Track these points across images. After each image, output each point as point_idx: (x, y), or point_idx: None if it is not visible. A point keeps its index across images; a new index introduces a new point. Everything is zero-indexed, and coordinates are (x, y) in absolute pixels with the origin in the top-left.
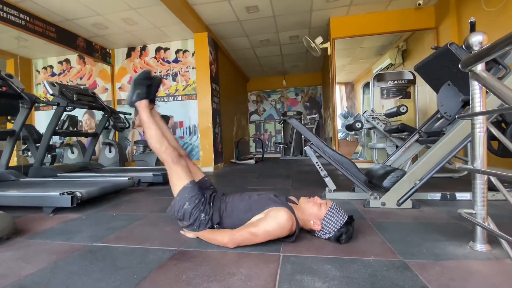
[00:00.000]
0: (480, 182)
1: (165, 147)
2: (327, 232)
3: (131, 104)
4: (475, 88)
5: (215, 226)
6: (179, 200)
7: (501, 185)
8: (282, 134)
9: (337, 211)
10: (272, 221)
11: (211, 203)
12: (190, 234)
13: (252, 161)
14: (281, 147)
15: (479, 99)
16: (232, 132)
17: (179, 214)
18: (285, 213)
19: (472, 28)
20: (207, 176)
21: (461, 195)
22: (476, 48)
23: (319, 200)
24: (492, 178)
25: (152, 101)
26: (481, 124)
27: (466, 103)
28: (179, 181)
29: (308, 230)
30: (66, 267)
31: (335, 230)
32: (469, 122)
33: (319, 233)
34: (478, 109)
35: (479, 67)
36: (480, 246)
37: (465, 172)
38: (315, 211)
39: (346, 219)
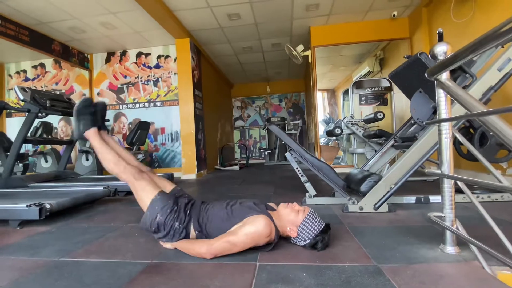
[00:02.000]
0: (447, 186)
1: (123, 167)
2: (303, 239)
3: (80, 136)
4: (441, 96)
5: (196, 233)
6: (150, 214)
7: (467, 189)
8: (267, 140)
9: (314, 218)
10: (249, 228)
11: (188, 211)
12: (167, 245)
13: (237, 167)
14: (266, 152)
15: (444, 106)
16: (216, 138)
17: (152, 228)
18: (263, 219)
19: (440, 38)
20: (179, 186)
21: (435, 198)
22: (440, 58)
23: (297, 206)
24: (459, 182)
25: (101, 127)
26: (447, 130)
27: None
28: (146, 196)
29: (285, 237)
30: (29, 285)
31: (311, 237)
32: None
33: (295, 240)
34: (443, 116)
35: (444, 76)
36: (450, 249)
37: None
38: (292, 218)
39: (322, 227)
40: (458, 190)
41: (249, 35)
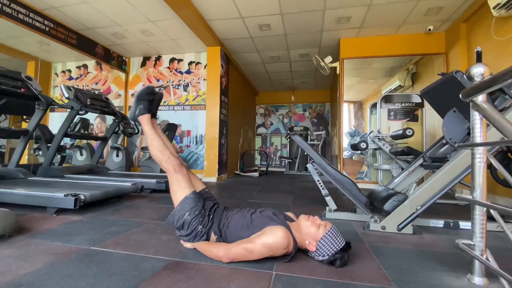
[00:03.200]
0: (479, 213)
1: (167, 156)
2: (321, 254)
3: (134, 118)
4: (476, 118)
5: (216, 237)
6: (179, 209)
7: (500, 218)
8: (288, 148)
9: (335, 235)
10: (267, 239)
11: (211, 216)
12: (188, 245)
13: (256, 174)
14: (286, 161)
15: (479, 129)
16: (238, 144)
17: (178, 224)
18: (281, 231)
19: (479, 57)
20: (207, 187)
21: (465, 224)
22: (477, 79)
23: (318, 220)
24: (491, 210)
25: (153, 115)
26: (481, 155)
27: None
28: (180, 191)
29: (303, 250)
30: (62, 269)
31: (330, 254)
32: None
33: (313, 254)
34: (478, 139)
35: (480, 98)
36: (478, 279)
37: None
38: (312, 231)
39: (343, 245)
40: (491, 218)
41: (278, 45)
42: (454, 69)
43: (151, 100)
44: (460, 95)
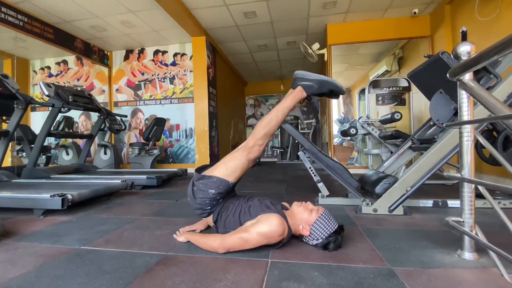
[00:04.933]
0: (467, 191)
1: (263, 144)
2: (315, 238)
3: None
4: (463, 97)
5: (212, 220)
6: (210, 183)
7: (488, 194)
8: (279, 138)
9: (327, 218)
10: (263, 227)
11: (220, 201)
12: (181, 238)
13: None
14: (278, 151)
15: (466, 108)
16: (229, 136)
17: (195, 188)
18: (276, 218)
19: (464, 37)
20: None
21: (453, 203)
22: (464, 58)
23: (310, 205)
24: (480, 187)
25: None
26: (468, 133)
27: (458, 111)
28: (232, 171)
29: (298, 236)
30: (52, 270)
31: (323, 237)
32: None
33: (307, 239)
34: (465, 118)
35: (467, 77)
36: (468, 255)
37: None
38: (305, 217)
39: (335, 227)
40: (479, 195)
41: (265, 33)
42: (439, 51)
43: (325, 92)
44: (447, 74)
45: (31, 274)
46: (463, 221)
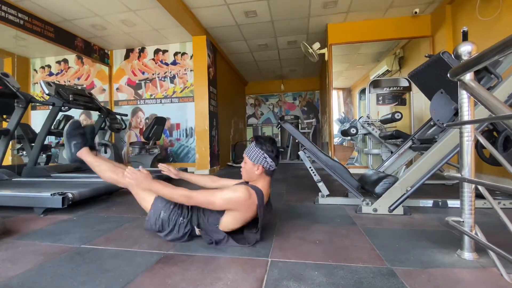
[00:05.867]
0: (467, 191)
1: (122, 173)
2: (264, 162)
3: (73, 157)
4: (464, 97)
5: (195, 228)
6: (153, 212)
7: (488, 194)
8: (279, 138)
9: (250, 149)
10: (228, 194)
11: (189, 206)
12: (129, 178)
13: None
14: None
15: (467, 108)
16: (230, 135)
17: (157, 226)
18: (242, 187)
19: (465, 37)
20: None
21: (453, 203)
22: (465, 58)
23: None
24: (480, 187)
25: (92, 148)
26: (469, 133)
27: (458, 111)
28: (147, 195)
29: (262, 178)
30: (53, 269)
31: (265, 156)
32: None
33: (267, 168)
34: (466, 118)
35: (468, 77)
36: (468, 254)
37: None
38: (247, 167)
39: (259, 140)
40: (479, 195)
41: (265, 32)
42: (440, 51)
43: (82, 134)
44: (448, 74)
45: (32, 273)
46: (463, 221)
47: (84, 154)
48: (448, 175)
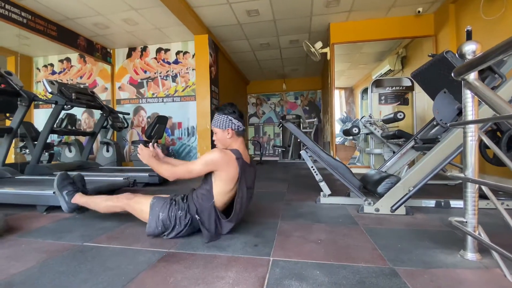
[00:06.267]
0: (471, 191)
1: (116, 198)
2: (231, 124)
3: (69, 206)
4: (468, 96)
5: (196, 217)
6: (152, 217)
7: (492, 194)
8: (281, 137)
9: (215, 119)
10: (205, 156)
11: (184, 200)
12: (145, 152)
13: None
14: (280, 150)
15: (471, 107)
16: None
17: (159, 227)
18: (216, 149)
19: (469, 36)
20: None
21: (456, 203)
22: (469, 57)
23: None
24: (483, 187)
25: (84, 193)
26: (472, 133)
27: (462, 111)
28: (143, 205)
29: (234, 140)
30: (55, 266)
31: (229, 118)
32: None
33: (236, 129)
34: (470, 117)
35: (472, 76)
36: (471, 255)
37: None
38: (218, 136)
39: (219, 108)
40: (482, 196)
41: (267, 31)
42: (443, 51)
43: (71, 183)
44: (452, 74)
45: (34, 270)
46: (466, 221)
47: (78, 199)
48: (451, 175)
